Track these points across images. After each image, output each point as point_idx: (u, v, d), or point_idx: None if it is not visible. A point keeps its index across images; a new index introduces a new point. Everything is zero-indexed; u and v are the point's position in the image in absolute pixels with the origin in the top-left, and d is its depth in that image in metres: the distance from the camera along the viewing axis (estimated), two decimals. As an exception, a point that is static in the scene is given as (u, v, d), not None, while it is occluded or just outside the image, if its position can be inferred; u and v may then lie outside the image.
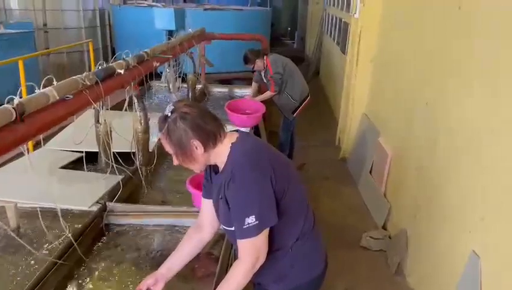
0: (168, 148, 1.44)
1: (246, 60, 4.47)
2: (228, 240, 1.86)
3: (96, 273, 1.81)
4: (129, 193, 2.42)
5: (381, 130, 4.21)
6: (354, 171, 4.80)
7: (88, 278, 1.77)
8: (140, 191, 2.51)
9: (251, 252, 1.37)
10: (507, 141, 1.91)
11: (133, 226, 2.17)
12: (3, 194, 2.18)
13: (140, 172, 2.46)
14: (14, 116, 1.36)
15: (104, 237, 2.08)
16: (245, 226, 1.34)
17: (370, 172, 4.25)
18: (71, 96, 1.73)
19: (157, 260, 1.91)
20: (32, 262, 1.80)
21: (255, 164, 1.40)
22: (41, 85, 1.64)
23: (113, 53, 9.50)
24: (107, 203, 2.19)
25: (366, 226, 3.72)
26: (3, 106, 1.36)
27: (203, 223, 1.66)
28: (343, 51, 6.31)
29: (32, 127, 1.45)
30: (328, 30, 9.08)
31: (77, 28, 8.55)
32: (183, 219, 2.17)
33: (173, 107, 1.40)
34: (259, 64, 4.43)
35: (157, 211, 2.20)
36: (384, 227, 3.66)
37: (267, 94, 4.46)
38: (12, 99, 1.39)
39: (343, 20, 6.79)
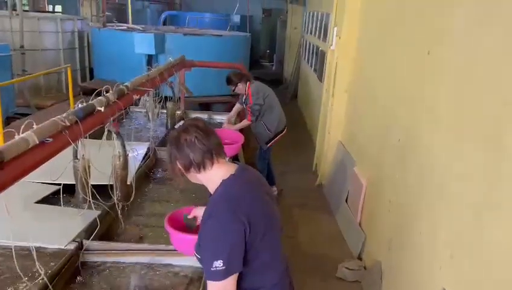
0: (167, 156, 1.61)
1: (228, 82, 4.58)
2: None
3: (72, 316, 1.79)
4: (106, 228, 2.41)
5: (357, 159, 4.32)
6: (331, 199, 4.89)
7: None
8: (117, 226, 2.50)
9: None
10: (472, 184, 2.01)
11: (110, 265, 2.15)
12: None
13: (117, 208, 2.46)
14: (-6, 165, 1.37)
15: (80, 277, 2.06)
16: (212, 269, 1.40)
17: (346, 200, 4.34)
18: (51, 140, 1.74)
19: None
20: (5, 306, 1.77)
21: (233, 212, 1.46)
22: (21, 129, 1.64)
23: (91, 74, 9.45)
24: (83, 241, 2.18)
25: (342, 256, 3.77)
26: (-18, 154, 1.36)
27: None
28: (320, 78, 6.48)
29: (12, 174, 1.46)
30: (305, 56, 9.30)
31: (56, 50, 8.49)
32: (161, 257, 2.18)
33: (183, 123, 1.64)
34: (240, 87, 4.54)
35: (134, 249, 2.19)
36: (359, 257, 3.72)
37: (244, 123, 4.57)
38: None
39: (320, 48, 6.99)
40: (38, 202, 2.59)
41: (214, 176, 1.55)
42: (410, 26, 3.12)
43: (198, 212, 1.75)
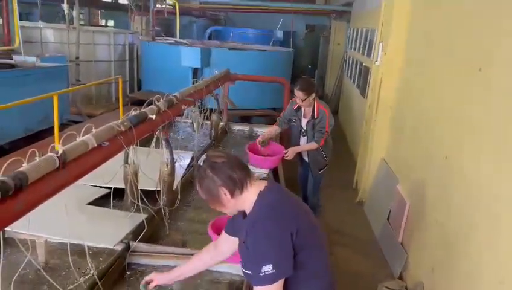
0: (201, 194, 1.60)
1: (306, 89, 3.76)
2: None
3: (118, 313, 1.87)
4: (151, 232, 2.50)
5: (400, 178, 4.23)
6: (371, 217, 4.79)
7: (110, 318, 1.84)
8: (162, 231, 2.59)
9: None
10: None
11: (154, 267, 2.23)
12: (34, 229, 2.28)
13: (163, 212, 2.55)
14: (58, 164, 1.48)
15: (126, 277, 2.15)
16: (261, 274, 1.41)
17: (388, 218, 4.24)
18: (107, 143, 1.85)
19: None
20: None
21: (278, 216, 1.50)
22: (81, 133, 1.76)
23: (139, 85, 9.85)
24: (130, 243, 2.27)
25: (381, 275, 3.68)
26: (48, 154, 1.47)
27: (219, 246, 1.82)
28: (363, 94, 6.42)
29: (73, 173, 1.56)
30: (348, 72, 9.25)
31: (107, 62, 8.93)
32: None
33: (205, 157, 1.59)
34: (308, 100, 3.79)
35: (178, 253, 2.26)
36: (400, 277, 3.62)
37: (313, 145, 3.89)
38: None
39: (364, 64, 6.94)
40: (90, 203, 2.73)
41: (251, 193, 1.56)
42: (460, 42, 3.05)
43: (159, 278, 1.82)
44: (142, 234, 2.32)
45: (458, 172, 2.78)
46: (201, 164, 1.58)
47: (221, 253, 1.82)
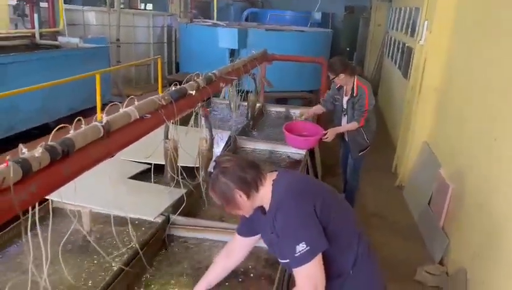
0: (216, 200, 1.58)
1: (330, 68, 3.80)
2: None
3: (158, 282, 1.91)
4: (190, 206, 2.53)
5: (443, 161, 4.07)
6: (411, 201, 4.66)
7: (150, 287, 1.88)
8: (200, 206, 2.62)
9: (308, 279, 1.40)
10: None
11: (193, 240, 2.26)
12: (79, 199, 2.36)
13: (202, 187, 2.57)
14: (102, 133, 1.51)
15: (166, 248, 2.19)
16: (297, 254, 1.39)
17: (428, 203, 4.11)
18: (149, 116, 1.87)
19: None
20: (102, 266, 1.94)
21: (298, 194, 1.50)
22: (124, 104, 1.79)
23: (177, 67, 9.97)
24: (170, 216, 2.31)
25: (421, 260, 3.59)
26: (93, 123, 1.51)
27: (233, 250, 1.80)
28: (405, 75, 6.20)
29: (116, 143, 1.59)
30: (389, 53, 8.95)
31: (146, 44, 9.08)
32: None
33: (215, 163, 1.57)
34: (342, 79, 3.75)
35: (217, 227, 2.28)
36: (441, 262, 3.51)
37: (353, 125, 3.83)
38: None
39: (406, 44, 6.68)
40: (131, 178, 2.79)
41: (266, 187, 1.55)
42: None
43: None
44: (181, 208, 2.35)
45: (507, 154, 2.63)
46: (212, 170, 1.57)
47: (234, 259, 1.80)
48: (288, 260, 1.44)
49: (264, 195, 1.54)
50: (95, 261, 1.99)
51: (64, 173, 1.26)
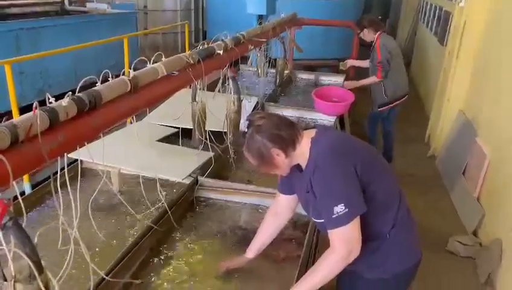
0: (251, 161, 1.50)
1: (358, 23, 4.33)
2: (319, 229, 1.82)
3: (185, 242, 1.92)
4: (218, 170, 2.51)
5: (480, 130, 3.88)
6: (444, 171, 4.51)
7: (178, 246, 1.89)
8: (228, 169, 2.59)
9: (343, 241, 1.35)
10: None
11: (221, 202, 2.25)
12: (108, 160, 2.38)
13: (230, 151, 2.54)
14: (129, 87, 1.47)
15: (194, 209, 2.19)
16: (334, 216, 1.32)
17: (463, 173, 3.96)
18: (176, 73, 1.82)
19: (240, 236, 1.98)
20: (131, 224, 1.96)
21: (338, 153, 1.41)
22: (152, 60, 1.75)
23: (204, 35, 9.86)
24: (198, 177, 2.30)
25: (452, 231, 3.49)
26: (120, 77, 1.47)
27: (279, 210, 1.74)
28: (442, 41, 5.90)
29: (143, 98, 1.56)
30: (424, 19, 8.53)
31: (173, 11, 8.99)
32: (269, 200, 2.21)
33: (248, 122, 1.47)
34: (366, 34, 4.17)
35: (244, 190, 2.25)
36: (474, 234, 3.40)
37: (371, 79, 4.16)
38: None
39: (444, 8, 6.33)
40: (159, 141, 2.79)
41: (303, 145, 1.46)
42: None
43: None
44: (209, 170, 2.33)
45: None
46: (245, 129, 1.47)
47: (283, 217, 1.75)
48: (323, 221, 1.39)
49: (302, 153, 1.46)
50: (124, 220, 2.01)
51: (92, 124, 1.24)
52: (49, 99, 1.14)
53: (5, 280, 0.95)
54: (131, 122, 2.97)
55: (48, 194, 2.13)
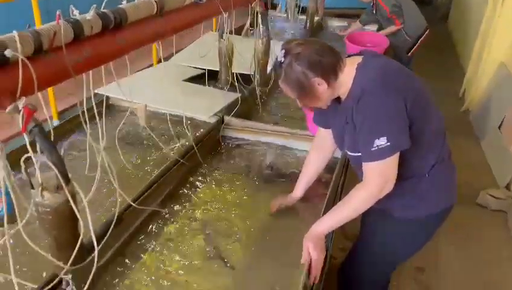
0: (290, 93, 1.38)
1: None
2: (352, 165, 1.67)
3: (211, 178, 1.92)
4: (244, 111, 2.47)
5: (522, 82, 3.66)
6: (478, 125, 4.33)
7: (204, 181, 1.89)
8: (255, 112, 2.55)
9: (378, 176, 1.28)
10: None
11: (247, 142, 2.22)
12: (135, 97, 2.37)
13: (257, 92, 2.48)
14: (155, 9, 1.41)
15: (219, 149, 2.17)
16: (374, 149, 1.24)
17: (499, 128, 3.79)
18: (204, 1, 1.74)
19: (266, 175, 1.96)
20: (157, 158, 1.96)
21: (388, 83, 1.28)
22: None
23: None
24: (224, 117, 2.27)
25: (483, 185, 3.37)
26: (146, -1, 1.41)
27: (321, 144, 1.66)
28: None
29: (169, 23, 1.50)
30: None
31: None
32: (295, 142, 2.17)
33: (285, 50, 1.32)
34: None
35: (270, 130, 2.21)
36: (507, 188, 3.29)
37: (392, 28, 3.97)
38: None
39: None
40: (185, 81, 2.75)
41: (347, 73, 1.33)
42: None
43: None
44: (235, 110, 2.29)
45: None
46: (282, 59, 1.32)
47: (326, 150, 1.66)
48: (360, 154, 1.31)
49: (344, 82, 1.34)
50: (151, 153, 2.02)
51: (118, 42, 1.20)
52: (72, 11, 1.09)
53: (33, 188, 0.96)
54: (157, 63, 2.95)
55: (75, 128, 2.15)
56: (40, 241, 0.98)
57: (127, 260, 1.43)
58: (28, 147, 0.90)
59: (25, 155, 0.91)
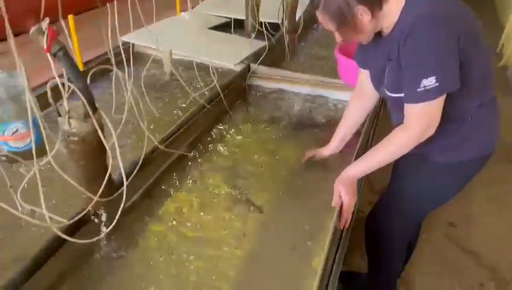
0: (329, 25, 1.26)
1: None
2: (388, 107, 1.54)
3: (237, 125, 1.88)
4: (271, 60, 2.39)
5: None
6: (516, 82, 4.11)
7: (230, 128, 1.85)
8: (282, 60, 2.46)
9: (422, 118, 1.19)
10: None
11: (274, 90, 2.16)
12: (160, 44, 2.31)
13: (285, 39, 2.39)
14: None
15: (245, 97, 2.12)
16: (420, 89, 1.14)
17: (539, 83, 3.58)
18: None
19: (293, 124, 1.90)
20: (184, 103, 1.93)
21: (441, 18, 1.15)
22: None
23: None
24: (251, 65, 2.20)
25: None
26: None
27: (364, 90, 1.53)
28: None
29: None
30: None
31: None
32: (325, 90, 2.09)
33: None
34: None
35: (298, 78, 2.14)
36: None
37: None
38: None
39: None
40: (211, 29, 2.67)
41: (392, 5, 1.20)
42: None
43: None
44: (262, 57, 2.22)
45: None
46: None
47: (369, 98, 1.53)
48: (402, 94, 1.21)
49: (389, 14, 1.22)
50: (177, 99, 1.98)
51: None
52: None
53: (60, 115, 0.94)
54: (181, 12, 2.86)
55: (98, 77, 2.12)
56: (69, 176, 0.97)
57: (154, 202, 1.42)
58: (53, 69, 0.86)
59: (51, 81, 0.88)
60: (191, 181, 1.52)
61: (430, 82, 1.12)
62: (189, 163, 1.61)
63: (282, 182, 1.53)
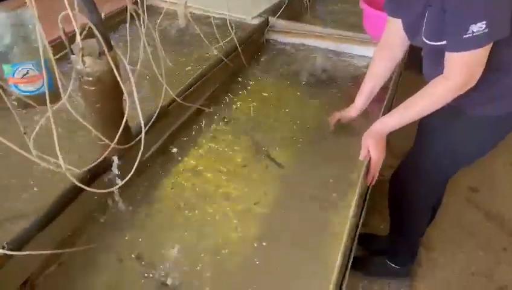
0: None
1: None
2: (423, 56, 1.42)
3: (256, 81, 1.79)
4: (290, 15, 2.26)
5: None
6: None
7: (248, 84, 1.77)
8: (301, 14, 2.34)
9: (465, 68, 1.09)
10: None
11: (293, 45, 2.05)
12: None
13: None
14: None
15: (264, 53, 2.02)
16: (467, 35, 1.04)
17: None
18: None
19: (315, 79, 1.81)
20: (202, 57, 1.84)
21: None
22: None
23: None
24: (269, 18, 2.08)
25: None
26: None
27: (391, 41, 1.41)
28: None
29: None
30: None
31: None
32: (348, 45, 1.98)
33: None
34: None
35: (320, 33, 2.02)
36: None
37: None
38: None
39: None
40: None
41: None
42: None
43: None
44: (281, 11, 2.10)
45: None
46: None
47: (396, 48, 1.40)
48: (444, 42, 1.11)
49: None
50: (192, 53, 1.88)
51: None
52: None
53: (73, 53, 0.86)
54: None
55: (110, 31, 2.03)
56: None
57: (172, 154, 1.37)
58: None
59: (62, 13, 0.80)
60: (209, 136, 1.46)
61: (479, 28, 1.02)
62: (206, 118, 1.54)
63: (305, 138, 1.46)
